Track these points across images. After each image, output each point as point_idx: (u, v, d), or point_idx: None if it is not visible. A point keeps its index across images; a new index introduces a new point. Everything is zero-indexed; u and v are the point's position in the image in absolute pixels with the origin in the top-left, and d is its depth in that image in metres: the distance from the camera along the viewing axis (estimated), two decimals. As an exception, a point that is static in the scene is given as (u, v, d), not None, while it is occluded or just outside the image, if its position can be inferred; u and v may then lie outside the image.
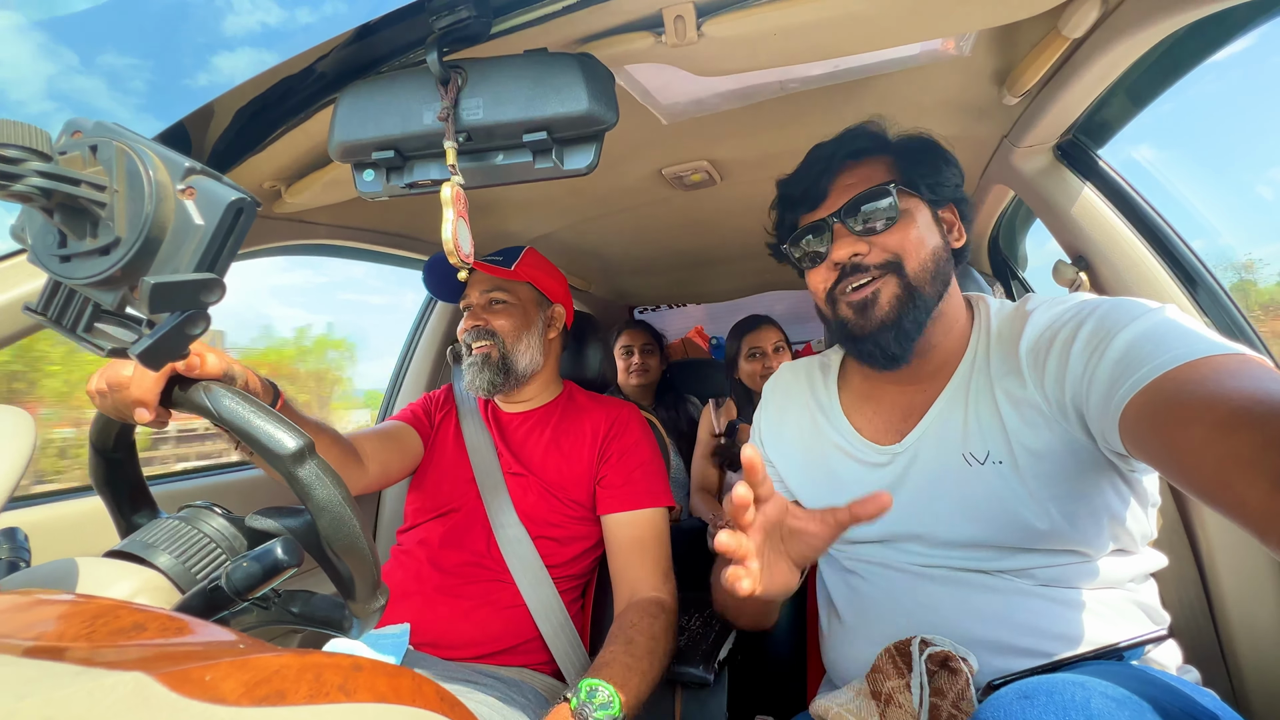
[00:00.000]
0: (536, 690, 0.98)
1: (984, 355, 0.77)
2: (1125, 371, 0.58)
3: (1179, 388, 0.52)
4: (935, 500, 0.75)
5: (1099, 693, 0.47)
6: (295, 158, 0.87)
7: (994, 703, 0.50)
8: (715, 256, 2.02)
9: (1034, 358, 0.71)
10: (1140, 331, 0.60)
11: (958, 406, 0.76)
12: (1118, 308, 0.65)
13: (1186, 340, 0.56)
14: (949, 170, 0.80)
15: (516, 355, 1.14)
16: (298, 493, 0.52)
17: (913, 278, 0.74)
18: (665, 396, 2.27)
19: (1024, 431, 0.70)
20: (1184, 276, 0.98)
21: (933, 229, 0.78)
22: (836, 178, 0.79)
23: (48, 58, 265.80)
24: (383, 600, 0.58)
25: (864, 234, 0.76)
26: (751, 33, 0.67)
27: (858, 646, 0.77)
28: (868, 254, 0.75)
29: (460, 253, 0.60)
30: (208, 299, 0.37)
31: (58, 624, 0.27)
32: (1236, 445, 0.44)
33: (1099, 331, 0.64)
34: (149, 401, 0.59)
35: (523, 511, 1.09)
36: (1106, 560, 0.70)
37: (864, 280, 0.76)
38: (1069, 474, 0.68)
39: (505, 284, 1.17)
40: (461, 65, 0.62)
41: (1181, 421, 0.50)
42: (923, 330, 0.75)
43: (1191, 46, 0.83)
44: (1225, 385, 0.49)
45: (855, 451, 0.83)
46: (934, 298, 0.75)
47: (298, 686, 0.25)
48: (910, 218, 0.76)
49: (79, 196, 0.33)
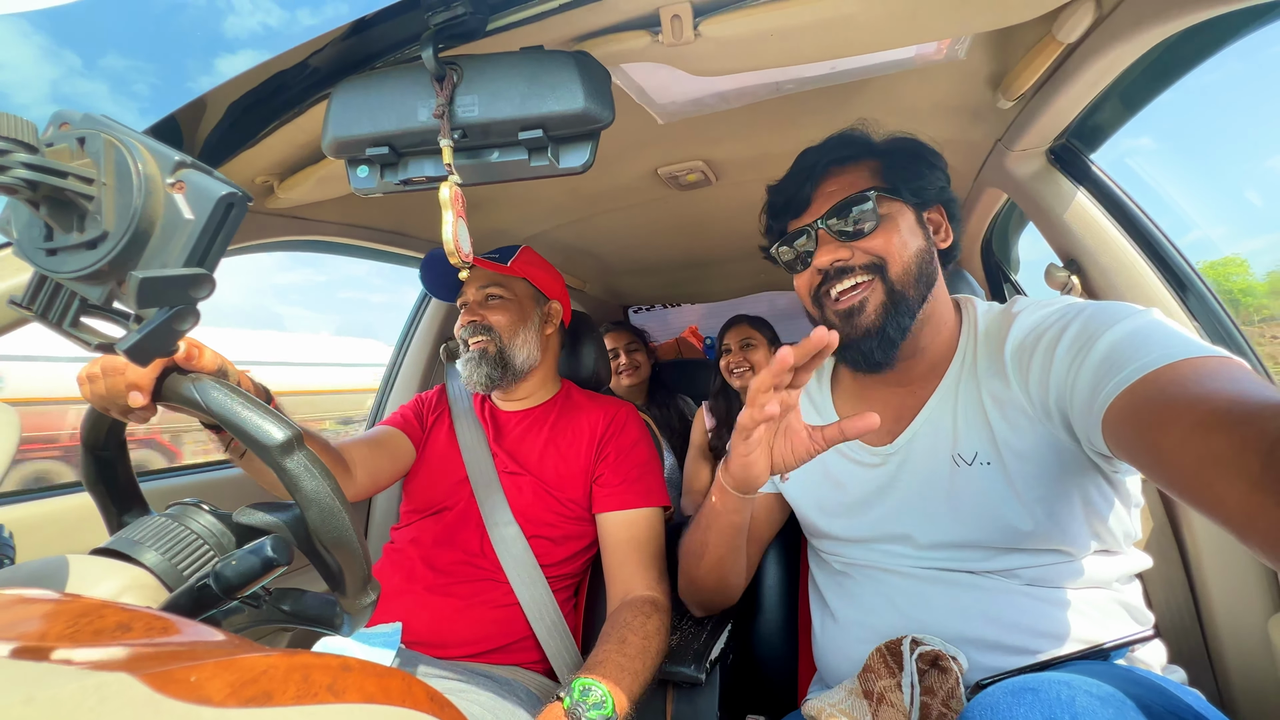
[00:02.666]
0: (529, 689, 0.97)
1: (971, 357, 0.77)
2: (1108, 373, 0.59)
3: (1160, 389, 0.53)
4: (925, 501, 0.76)
5: (1084, 691, 0.48)
6: (289, 153, 0.86)
7: (982, 701, 0.51)
8: (710, 256, 2.02)
9: (1019, 359, 0.72)
10: (1123, 334, 0.61)
11: (947, 408, 0.77)
12: (1103, 310, 0.66)
13: (1168, 342, 0.57)
14: (934, 172, 0.81)
15: (514, 350, 1.14)
16: (286, 484, 0.51)
17: (896, 281, 0.76)
18: (658, 395, 2.28)
19: (1009, 432, 0.71)
20: (1174, 281, 0.99)
21: (916, 232, 0.79)
22: (820, 184, 0.81)
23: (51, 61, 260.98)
24: (374, 596, 0.58)
25: (847, 239, 0.77)
26: (748, 33, 0.67)
27: (850, 646, 0.78)
28: (850, 258, 0.77)
29: (460, 252, 0.60)
30: (197, 294, 0.36)
31: (41, 624, 0.27)
32: (1215, 446, 0.45)
33: (1083, 334, 0.65)
34: (144, 385, 0.58)
35: (518, 510, 1.08)
36: (1091, 560, 0.71)
37: (849, 286, 0.77)
38: (1052, 474, 0.69)
39: (502, 280, 1.17)
40: (457, 62, 0.61)
41: (1162, 423, 0.51)
42: (907, 335, 0.76)
43: (1185, 51, 0.83)
44: (1205, 387, 0.50)
45: (848, 450, 0.84)
46: (918, 301, 0.77)
47: (285, 687, 0.25)
48: (893, 221, 0.77)
49: (66, 189, 0.33)
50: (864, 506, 0.81)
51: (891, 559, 0.78)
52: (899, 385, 0.83)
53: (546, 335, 1.21)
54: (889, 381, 0.83)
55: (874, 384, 0.85)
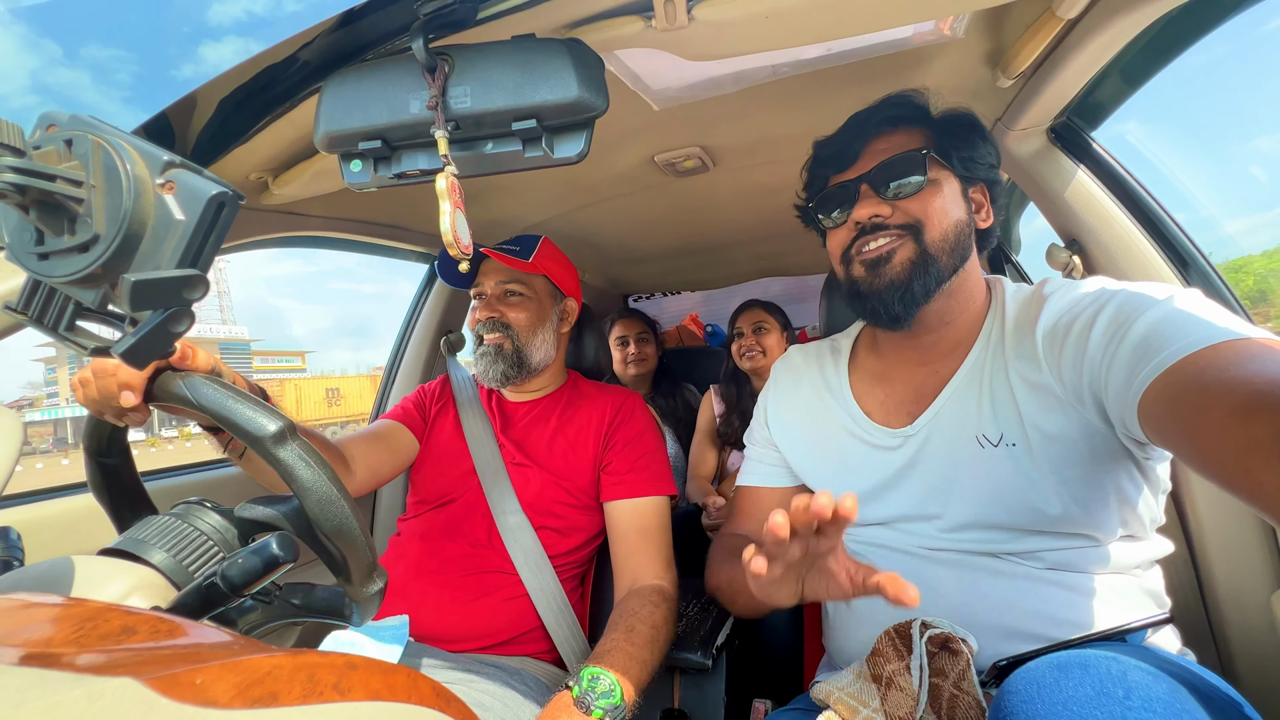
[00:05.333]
0: (538, 678, 0.98)
1: (999, 337, 0.76)
2: (1144, 356, 0.57)
3: (1198, 373, 0.52)
4: (948, 482, 0.75)
5: (1134, 666, 0.47)
6: (282, 148, 0.85)
7: (1025, 675, 0.50)
8: (709, 243, 2.01)
9: (1051, 342, 0.70)
10: (1160, 316, 0.60)
11: (972, 388, 0.76)
12: (1140, 292, 0.65)
13: (1206, 325, 0.56)
14: (985, 148, 0.80)
15: (531, 349, 1.13)
16: (282, 474, 0.51)
17: (930, 245, 0.75)
18: (662, 384, 2.28)
19: (1039, 415, 0.70)
20: (1177, 259, 0.99)
21: (959, 202, 0.78)
22: (870, 142, 0.80)
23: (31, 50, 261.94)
24: (381, 583, 0.58)
25: (889, 198, 0.76)
26: (743, 16, 0.65)
27: (861, 629, 0.78)
28: (890, 216, 0.76)
29: (460, 244, 0.60)
30: (190, 295, 0.36)
31: (46, 629, 0.27)
32: (1254, 431, 0.44)
33: (1119, 316, 0.63)
34: (135, 385, 0.58)
35: (525, 502, 1.09)
36: (1115, 545, 0.70)
37: (881, 240, 0.77)
38: (1082, 458, 0.67)
39: (522, 276, 1.15)
40: (448, 52, 0.61)
41: (1200, 407, 0.49)
42: (931, 297, 0.75)
43: (1185, 26, 0.82)
44: (1245, 370, 0.49)
45: (865, 435, 0.83)
46: (949, 270, 0.76)
47: (291, 687, 0.25)
48: (937, 187, 0.76)
49: (55, 192, 0.32)
50: (883, 490, 0.80)
51: (909, 540, 0.78)
52: (921, 364, 0.82)
53: (562, 334, 1.20)
54: (910, 360, 0.82)
55: (895, 364, 0.84)
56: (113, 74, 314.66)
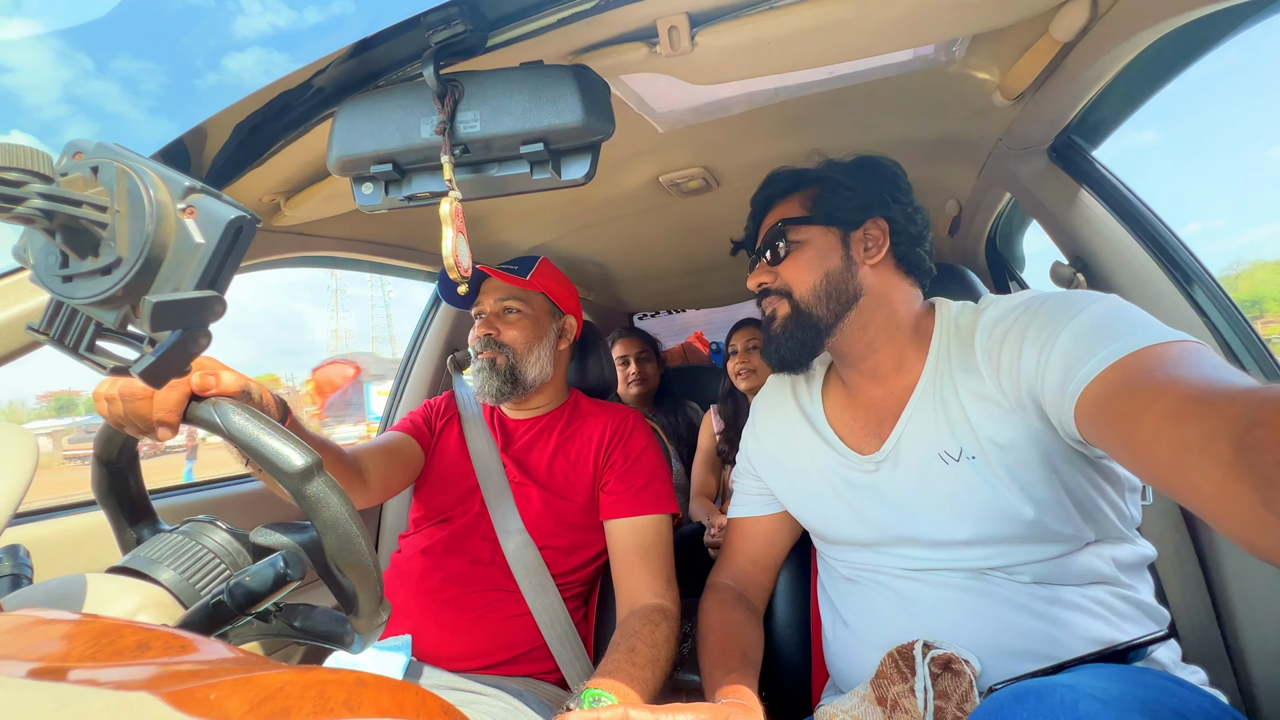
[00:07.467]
0: (541, 700, 0.97)
1: (946, 355, 0.79)
2: (1075, 364, 0.60)
3: (1127, 378, 0.54)
4: (920, 502, 0.76)
5: (1088, 694, 0.47)
6: (294, 171, 0.87)
7: (986, 706, 0.51)
8: (714, 262, 2.02)
9: (988, 353, 0.73)
10: (1087, 322, 0.62)
11: (927, 408, 0.78)
12: (1065, 299, 0.68)
13: (1132, 329, 0.58)
14: (873, 186, 0.84)
15: (525, 365, 1.14)
16: (306, 510, 0.52)
17: (801, 301, 0.83)
18: (664, 402, 2.28)
19: (989, 426, 0.72)
20: (1180, 275, 0.99)
21: (833, 254, 0.83)
22: (763, 220, 0.91)
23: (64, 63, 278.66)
24: (385, 615, 0.58)
25: (772, 264, 0.87)
26: (745, 42, 0.67)
27: (862, 651, 0.77)
28: (772, 282, 0.86)
29: (460, 267, 0.61)
30: (209, 316, 0.37)
31: (62, 644, 0.27)
32: (1187, 434, 0.45)
33: (1047, 324, 0.66)
34: (171, 422, 0.59)
35: (526, 521, 1.08)
36: (1093, 551, 0.71)
37: (768, 302, 0.88)
38: (1036, 463, 0.69)
39: (520, 293, 1.17)
40: (458, 78, 0.62)
41: (1131, 412, 0.51)
42: (823, 342, 0.83)
43: (1183, 47, 0.83)
44: (1171, 373, 0.51)
45: (841, 459, 0.85)
46: (832, 316, 0.82)
47: (302, 703, 0.25)
48: (803, 249, 0.84)
49: (80, 217, 0.33)
50: (864, 513, 0.81)
51: (896, 562, 0.78)
52: (877, 385, 0.85)
53: (560, 350, 1.21)
54: (866, 383, 0.86)
55: (857, 388, 0.88)
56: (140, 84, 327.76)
